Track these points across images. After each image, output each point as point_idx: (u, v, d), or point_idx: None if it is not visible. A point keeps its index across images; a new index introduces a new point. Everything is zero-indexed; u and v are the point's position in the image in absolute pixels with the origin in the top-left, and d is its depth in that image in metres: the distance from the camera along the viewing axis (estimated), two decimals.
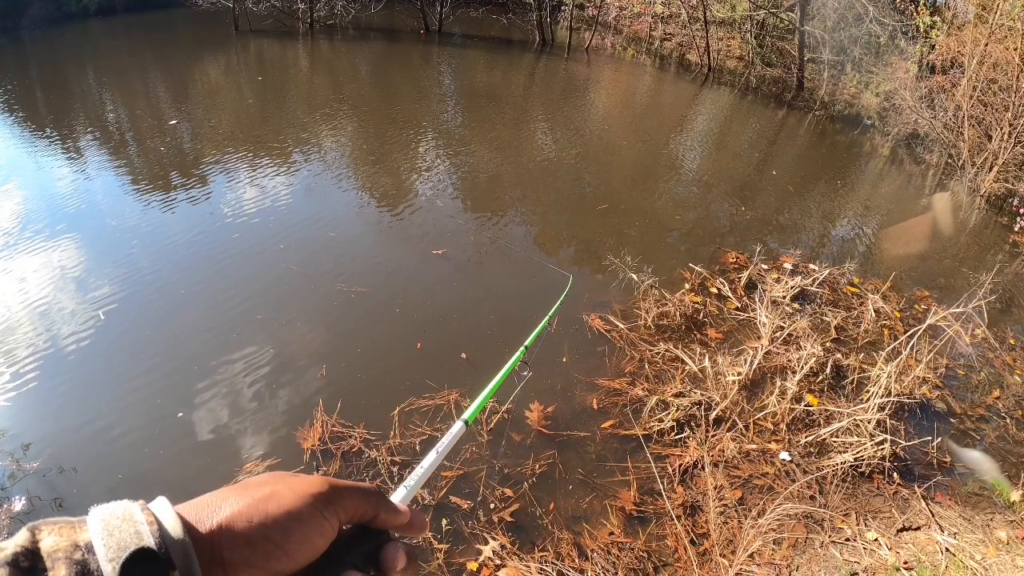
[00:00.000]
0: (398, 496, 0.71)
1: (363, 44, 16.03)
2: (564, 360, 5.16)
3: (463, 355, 5.12)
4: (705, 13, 15.46)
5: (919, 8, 13.31)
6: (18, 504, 3.84)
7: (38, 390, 4.69)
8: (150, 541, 0.45)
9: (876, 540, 3.98)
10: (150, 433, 4.36)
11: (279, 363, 5.00)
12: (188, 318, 5.47)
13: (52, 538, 0.45)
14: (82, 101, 10.82)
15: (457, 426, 0.91)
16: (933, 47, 13.27)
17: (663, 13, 17.45)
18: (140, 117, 10.20)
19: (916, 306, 6.46)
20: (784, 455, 4.46)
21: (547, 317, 1.68)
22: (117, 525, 0.46)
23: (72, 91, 11.32)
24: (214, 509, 0.52)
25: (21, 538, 0.44)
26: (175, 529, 0.48)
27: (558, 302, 1.99)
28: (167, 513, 0.49)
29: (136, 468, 4.12)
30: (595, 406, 4.73)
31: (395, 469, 4.08)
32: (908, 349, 5.11)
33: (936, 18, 13.37)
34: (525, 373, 1.49)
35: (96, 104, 10.80)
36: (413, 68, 14.25)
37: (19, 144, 8.78)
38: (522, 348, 1.42)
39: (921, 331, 5.10)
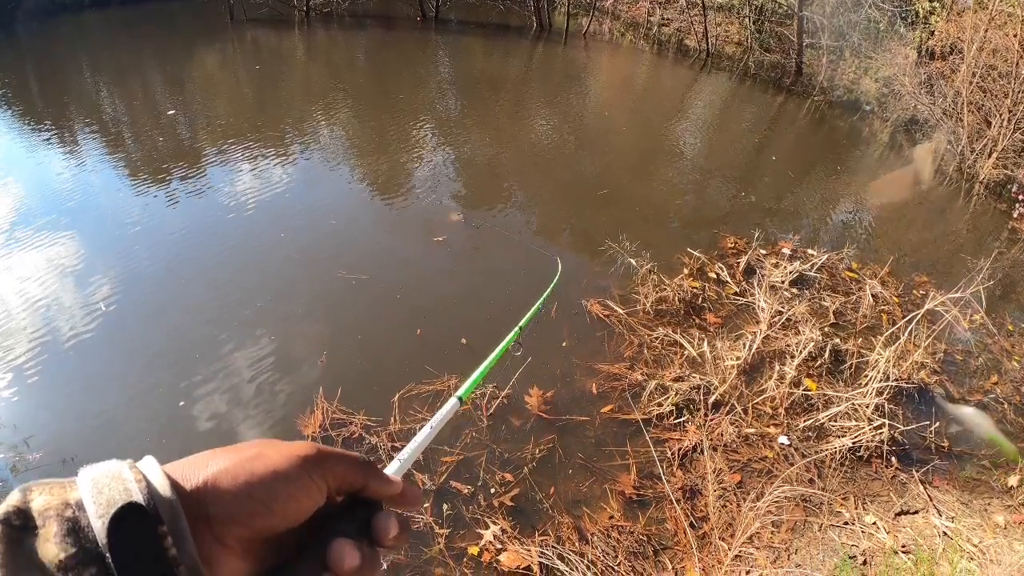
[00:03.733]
0: (391, 469, 0.72)
1: (359, 32, 15.94)
2: (564, 345, 5.17)
3: (463, 341, 5.13)
4: None
5: None
6: None
7: (39, 382, 4.70)
8: (138, 497, 0.47)
9: (874, 523, 4.00)
10: (151, 423, 4.38)
11: (280, 351, 5.02)
12: (189, 308, 5.48)
13: (43, 497, 0.46)
14: (79, 94, 10.76)
15: (451, 402, 0.92)
16: (932, 33, 13.20)
17: None
18: (138, 109, 10.15)
19: (915, 291, 6.47)
20: (783, 439, 4.49)
21: (541, 299, 1.71)
22: (106, 483, 0.47)
23: (69, 84, 11.26)
24: (200, 467, 0.53)
25: (13, 498, 0.46)
26: (163, 486, 0.49)
27: (551, 285, 2.02)
28: (155, 471, 0.50)
29: (137, 458, 4.13)
30: (594, 390, 4.75)
31: (395, 455, 4.09)
32: (906, 334, 5.12)
33: (936, 3, 13.29)
34: (517, 353, 1.53)
35: (93, 96, 10.74)
36: (410, 55, 14.17)
37: (17, 139, 8.74)
38: (516, 329, 1.44)
39: (919, 316, 5.11)
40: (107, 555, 0.45)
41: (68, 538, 0.44)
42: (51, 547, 0.44)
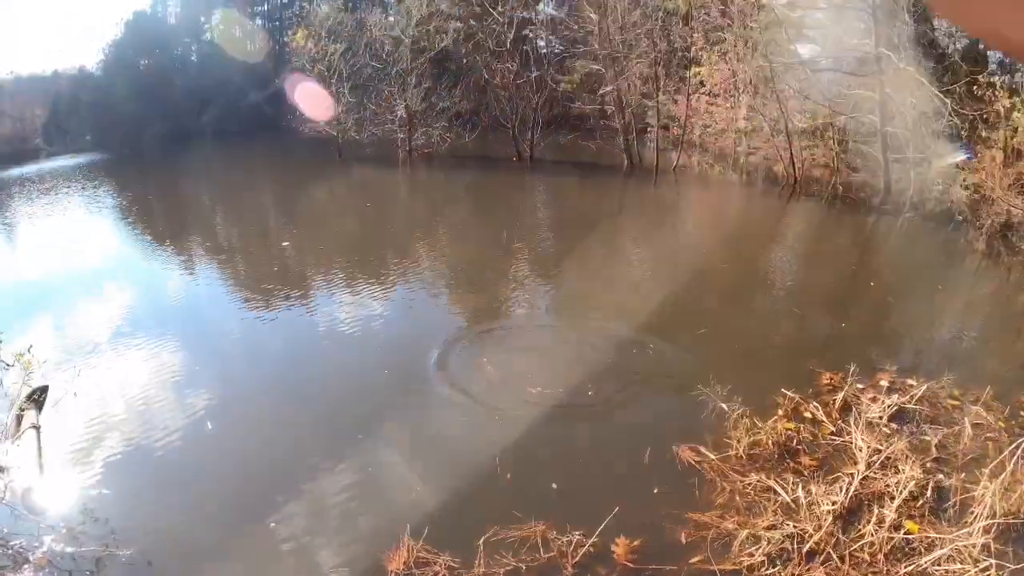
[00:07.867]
0: None
1: (459, 171, 16.99)
2: (654, 492, 5.21)
3: (553, 485, 5.25)
4: (787, 125, 15.65)
5: (997, 92, 13.00)
6: None
7: (132, 481, 5.24)
8: None
9: None
10: (238, 539, 4.78)
11: (370, 481, 5.40)
12: (286, 430, 5.96)
13: None
14: (197, 216, 12.00)
15: None
16: (1016, 130, 12.93)
17: (746, 128, 17.66)
18: (252, 235, 11.18)
19: (1022, 413, 6.17)
20: None
21: None
22: None
23: (188, 207, 12.53)
24: None
25: None
26: None
27: None
28: None
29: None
30: (683, 540, 4.74)
31: None
32: (1012, 463, 4.92)
33: (1016, 99, 13.02)
34: None
35: (210, 220, 11.96)
36: (508, 194, 14.97)
37: (140, 254, 9.68)
38: None
39: None
40: None
41: None
42: None
